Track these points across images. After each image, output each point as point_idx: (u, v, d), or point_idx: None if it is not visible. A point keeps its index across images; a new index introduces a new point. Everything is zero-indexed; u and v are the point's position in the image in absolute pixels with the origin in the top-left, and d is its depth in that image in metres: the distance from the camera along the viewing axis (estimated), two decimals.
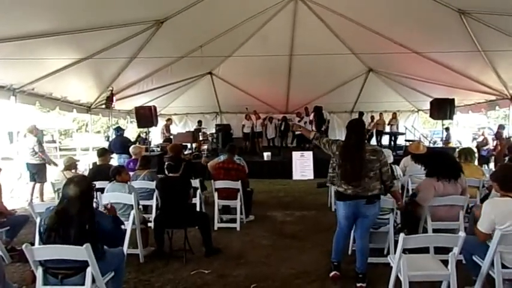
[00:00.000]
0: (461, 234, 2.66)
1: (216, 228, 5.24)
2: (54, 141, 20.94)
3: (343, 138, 3.59)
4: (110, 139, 9.05)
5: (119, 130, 8.62)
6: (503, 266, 2.71)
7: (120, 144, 8.14)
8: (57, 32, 5.82)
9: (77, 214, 2.57)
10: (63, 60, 6.70)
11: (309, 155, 9.99)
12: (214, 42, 9.11)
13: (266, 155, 10.72)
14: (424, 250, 3.36)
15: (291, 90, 13.40)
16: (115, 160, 7.84)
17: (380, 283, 3.30)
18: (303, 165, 9.81)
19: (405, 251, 2.78)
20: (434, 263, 2.94)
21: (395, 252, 2.85)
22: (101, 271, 2.60)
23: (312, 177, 9.59)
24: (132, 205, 4.08)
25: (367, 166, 3.25)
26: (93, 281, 2.58)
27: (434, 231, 3.67)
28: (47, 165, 7.19)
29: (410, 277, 2.68)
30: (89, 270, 2.52)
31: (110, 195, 4.18)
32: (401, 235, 2.65)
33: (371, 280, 3.42)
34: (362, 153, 3.27)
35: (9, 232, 4.23)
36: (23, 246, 2.49)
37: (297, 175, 9.89)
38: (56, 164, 7.30)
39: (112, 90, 9.13)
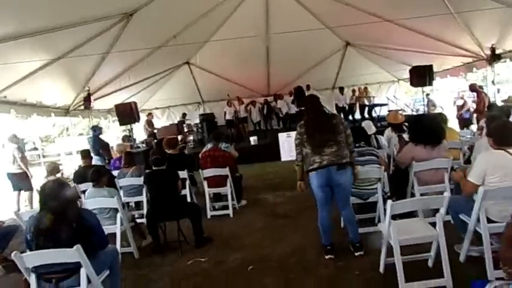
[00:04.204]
0: (446, 194, 2.72)
1: (209, 216, 5.25)
2: (36, 149, 20.47)
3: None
4: (88, 139, 8.81)
5: (96, 130, 8.44)
6: (489, 221, 2.79)
7: (92, 145, 7.98)
8: (22, 35, 5.60)
9: (61, 217, 2.53)
10: (33, 63, 6.47)
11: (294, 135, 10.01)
12: (188, 31, 8.94)
13: (252, 140, 10.72)
14: (415, 215, 3.46)
15: (271, 72, 13.33)
16: (95, 161, 7.69)
17: (374, 251, 3.37)
18: (290, 145, 9.83)
19: (395, 217, 2.84)
20: (423, 225, 3.01)
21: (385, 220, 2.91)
22: (94, 270, 2.59)
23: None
24: (117, 208, 3.95)
25: (334, 130, 3.33)
26: (89, 281, 2.57)
27: (422, 195, 3.75)
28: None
29: (400, 241, 2.74)
30: (82, 271, 2.50)
31: (92, 201, 3.99)
32: (389, 202, 2.70)
33: (365, 249, 3.49)
34: (326, 118, 3.39)
35: None
36: (12, 255, 2.45)
37: (285, 156, 9.95)
38: (30, 175, 7.17)
39: (89, 90, 8.90)
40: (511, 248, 1.69)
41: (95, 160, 7.44)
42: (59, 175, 5.60)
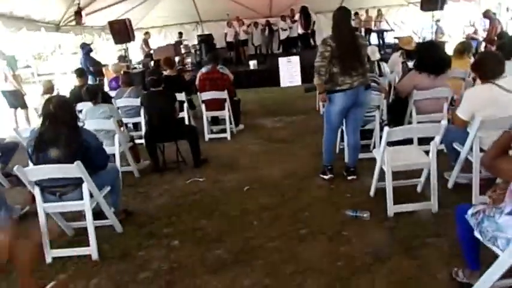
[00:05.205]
0: (443, 122, 2.72)
1: (206, 139, 5.33)
2: (29, 66, 19.94)
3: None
4: (80, 58, 8.49)
5: (84, 47, 8.10)
6: (482, 151, 2.83)
7: (84, 64, 7.70)
8: None
9: (61, 133, 2.55)
10: None
11: (295, 60, 9.70)
12: None
13: (252, 64, 10.42)
14: (410, 143, 3.51)
15: None
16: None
17: (365, 176, 3.49)
18: (290, 71, 9.59)
19: (390, 144, 2.87)
20: (416, 152, 3.07)
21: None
22: (96, 186, 2.69)
23: (299, 82, 9.47)
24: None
25: (363, 52, 3.28)
26: (91, 195, 2.68)
27: (420, 123, 3.75)
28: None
29: (393, 167, 2.81)
30: (84, 185, 2.59)
31: (90, 122, 3.91)
32: (386, 128, 2.70)
33: (357, 174, 3.61)
34: (357, 37, 3.29)
35: (1, 158, 4.26)
36: (15, 168, 2.51)
37: (284, 82, 9.75)
38: (24, 93, 7.09)
39: (79, 4, 8.34)
40: (500, 153, 1.72)
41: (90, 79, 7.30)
42: (55, 93, 5.51)
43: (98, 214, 2.88)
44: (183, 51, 12.08)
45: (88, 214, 2.64)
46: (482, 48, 9.30)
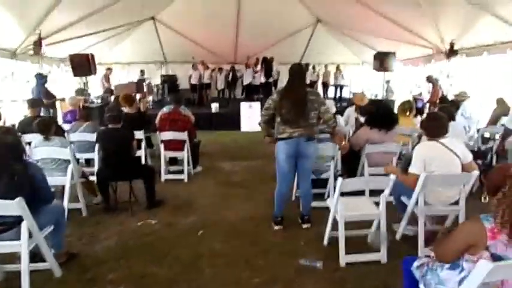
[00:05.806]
0: (392, 177, 2.90)
1: (163, 180, 5.20)
2: None
3: None
4: (32, 87, 8.22)
5: (41, 78, 7.89)
6: (426, 204, 3.02)
7: (37, 95, 7.50)
8: None
9: (4, 167, 2.38)
10: None
11: (257, 106, 10.05)
12: None
13: (214, 107, 10.60)
14: (362, 194, 3.68)
15: (240, 40, 13.07)
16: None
17: (319, 224, 3.54)
18: (251, 116, 9.88)
19: (344, 194, 2.99)
20: (368, 204, 3.21)
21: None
22: (38, 225, 2.49)
23: (259, 128, 9.71)
24: (67, 159, 3.80)
25: (309, 106, 3.37)
26: (30, 235, 2.47)
27: (371, 176, 3.96)
28: None
29: (346, 217, 2.91)
30: (24, 224, 2.40)
31: (42, 150, 3.81)
32: (339, 179, 2.82)
33: (312, 222, 3.67)
34: (305, 93, 3.38)
35: None
36: None
37: (245, 126, 9.97)
38: None
39: (40, 34, 8.16)
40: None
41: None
42: (1, 123, 5.20)
43: (35, 255, 2.65)
44: (145, 89, 12.04)
45: (24, 256, 2.42)
46: (426, 109, 10.20)
